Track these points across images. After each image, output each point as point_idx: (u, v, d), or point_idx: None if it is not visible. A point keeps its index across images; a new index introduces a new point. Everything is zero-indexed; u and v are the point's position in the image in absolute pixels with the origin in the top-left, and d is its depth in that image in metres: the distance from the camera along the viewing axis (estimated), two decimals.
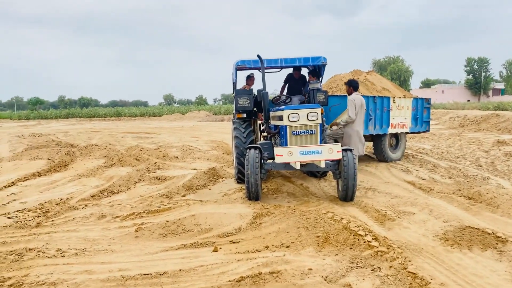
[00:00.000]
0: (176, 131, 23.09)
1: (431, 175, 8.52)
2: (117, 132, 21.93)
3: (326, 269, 3.65)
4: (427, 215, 5.50)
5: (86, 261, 4.22)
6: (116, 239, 4.86)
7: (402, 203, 6.10)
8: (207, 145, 14.74)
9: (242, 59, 7.66)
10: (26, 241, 4.78)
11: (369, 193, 6.94)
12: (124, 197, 6.98)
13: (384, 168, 9.33)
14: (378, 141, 10.19)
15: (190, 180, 7.88)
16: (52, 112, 55.83)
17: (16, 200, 6.90)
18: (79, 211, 6.09)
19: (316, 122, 6.05)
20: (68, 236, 4.96)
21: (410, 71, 79.01)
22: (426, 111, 11.10)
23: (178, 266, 3.99)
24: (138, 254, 4.39)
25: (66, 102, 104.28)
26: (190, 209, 5.84)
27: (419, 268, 3.72)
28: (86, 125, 32.31)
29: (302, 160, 5.86)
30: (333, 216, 5.18)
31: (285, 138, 6.16)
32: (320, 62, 7.60)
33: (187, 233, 5.00)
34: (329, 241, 4.40)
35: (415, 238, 4.57)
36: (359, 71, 11.00)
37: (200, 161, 10.88)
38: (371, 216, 5.43)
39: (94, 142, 15.52)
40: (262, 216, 5.44)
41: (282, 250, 4.31)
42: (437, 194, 6.73)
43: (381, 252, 4.04)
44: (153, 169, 9.44)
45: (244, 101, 7.69)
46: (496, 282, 3.47)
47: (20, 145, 14.98)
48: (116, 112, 53.07)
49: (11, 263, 4.17)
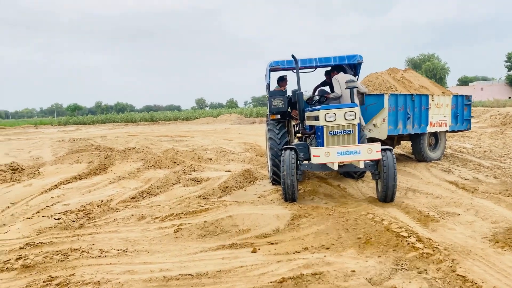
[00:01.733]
0: (209, 134, 23.32)
1: (474, 174, 8.18)
2: (153, 136, 22.38)
3: (369, 271, 3.55)
4: (473, 216, 5.27)
5: (128, 261, 4.30)
6: (156, 240, 4.93)
7: (445, 204, 5.88)
8: (240, 147, 14.79)
9: (276, 60, 7.62)
10: (70, 241, 4.93)
11: (409, 193, 6.73)
12: (162, 199, 7.08)
13: (424, 168, 9.04)
14: (416, 141, 9.90)
15: (226, 182, 7.91)
16: (90, 117, 57.69)
17: (60, 202, 7.13)
18: (119, 213, 6.23)
19: (354, 121, 5.93)
20: (110, 237, 5.07)
21: (446, 68, 76.58)
22: (466, 109, 10.69)
23: (218, 267, 3.99)
24: (178, 255, 4.43)
25: (103, 107, 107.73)
26: (227, 210, 5.86)
27: (469, 271, 3.55)
28: (123, 130, 33.18)
29: (340, 160, 5.74)
30: (374, 217, 5.05)
31: (321, 139, 6.07)
32: (356, 61, 7.46)
33: (225, 234, 5.01)
34: (371, 242, 4.29)
35: (462, 240, 4.38)
36: (395, 69, 10.73)
37: (234, 163, 10.92)
38: (413, 217, 5.26)
39: (131, 145, 15.91)
40: (299, 217, 5.38)
41: (322, 251, 4.23)
42: (482, 194, 6.45)
43: (426, 254, 3.89)
44: (189, 171, 9.55)
45: (278, 102, 7.66)
46: None
47: (61, 149, 15.57)
48: (151, 117, 54.27)
49: (57, 263, 4.30)
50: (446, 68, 76.73)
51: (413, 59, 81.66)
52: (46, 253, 4.55)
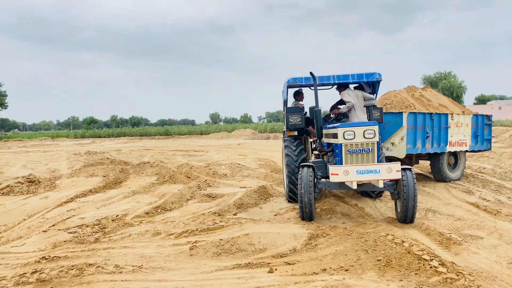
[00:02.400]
0: (223, 149, 23.35)
1: (496, 196, 7.96)
2: (167, 150, 22.49)
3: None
4: (497, 240, 5.09)
5: (143, 278, 4.24)
6: (171, 257, 4.87)
7: (467, 226, 5.70)
8: (254, 163, 14.74)
9: (294, 77, 7.61)
10: (86, 256, 4.90)
11: (429, 214, 6.57)
12: (177, 214, 7.04)
13: (443, 189, 8.84)
14: (435, 160, 9.72)
15: (241, 198, 7.84)
16: (106, 130, 58.46)
17: (75, 215, 7.15)
18: (134, 228, 6.21)
19: (373, 140, 5.83)
20: (125, 253, 5.04)
21: (463, 87, 75.76)
22: (487, 128, 10.49)
23: (234, 287, 3.91)
24: (194, 273, 4.35)
25: (118, 121, 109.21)
26: (243, 228, 5.78)
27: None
28: (138, 143, 33.47)
29: (359, 179, 5.64)
30: (394, 238, 4.91)
31: (340, 157, 5.98)
32: (375, 78, 7.39)
33: (241, 253, 4.93)
34: (392, 265, 4.16)
35: (487, 265, 4.22)
36: (414, 87, 10.62)
37: (249, 179, 10.86)
38: (435, 239, 5.10)
39: (146, 159, 16.01)
40: (317, 237, 5.27)
41: (341, 273, 4.12)
42: (505, 217, 6.25)
43: (450, 279, 3.74)
44: (204, 186, 9.52)
45: (296, 119, 7.61)
46: None
47: (77, 162, 15.74)
48: (165, 131, 54.72)
49: (72, 278, 4.27)
50: (463, 86, 75.92)
51: (429, 77, 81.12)
52: (62, 268, 4.53)
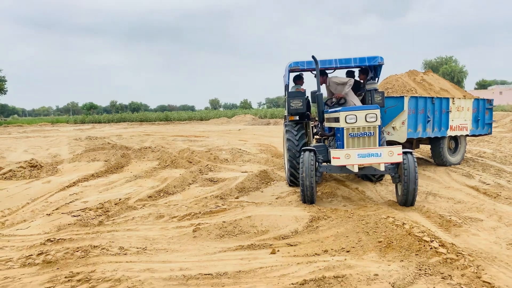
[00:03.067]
0: (224, 134, 23.37)
1: (495, 180, 8.01)
2: (168, 136, 22.52)
3: (392, 275, 3.49)
4: (496, 222, 5.16)
5: (148, 259, 4.31)
6: (175, 239, 4.94)
7: (467, 209, 5.77)
8: (255, 148, 14.77)
9: (296, 61, 7.58)
10: (90, 238, 4.96)
11: (429, 198, 6.63)
12: (180, 198, 7.10)
13: (443, 173, 8.90)
14: (436, 144, 9.75)
15: (242, 182, 7.90)
16: (105, 116, 58.36)
17: (78, 199, 7.20)
18: (137, 211, 6.27)
19: (375, 123, 5.85)
20: (129, 235, 5.10)
21: (464, 71, 75.43)
22: (488, 113, 10.49)
23: (237, 267, 3.97)
24: (197, 254, 4.42)
25: (117, 106, 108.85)
26: (245, 210, 5.84)
27: (494, 278, 3.47)
28: (138, 129, 33.47)
29: (361, 163, 5.68)
30: (394, 221, 4.97)
31: (341, 141, 6.01)
32: (377, 62, 7.37)
33: (243, 235, 4.99)
34: (392, 246, 4.22)
35: (486, 246, 4.29)
36: (415, 71, 10.58)
37: (250, 164, 10.91)
38: (435, 221, 5.17)
39: (147, 145, 16.04)
40: (318, 220, 5.33)
41: (343, 254, 4.18)
42: (505, 200, 6.31)
43: (450, 259, 3.81)
44: (205, 171, 9.57)
45: (297, 103, 7.61)
46: None
47: (78, 147, 15.78)
48: (165, 116, 54.63)
49: (78, 259, 4.33)
50: (464, 71, 75.59)
51: (431, 61, 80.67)
52: (67, 249, 4.59)
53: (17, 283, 3.83)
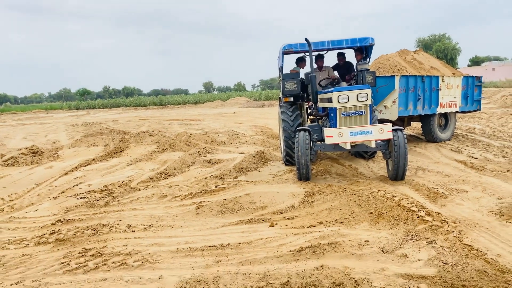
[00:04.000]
0: (219, 117, 23.57)
1: (483, 154, 8.35)
2: (164, 120, 22.69)
3: (382, 241, 3.82)
4: (480, 192, 5.49)
5: (155, 235, 4.61)
6: (179, 216, 5.24)
7: (454, 182, 6.10)
8: (251, 130, 15.03)
9: (289, 43, 7.77)
10: (98, 218, 5.25)
11: (419, 172, 6.96)
12: (180, 179, 7.38)
13: (434, 148, 9.22)
14: (426, 121, 10.05)
15: (240, 163, 8.18)
16: (100, 101, 58.10)
17: (82, 183, 7.47)
18: (141, 192, 6.55)
19: (366, 103, 6.12)
20: (135, 214, 5.39)
21: (458, 49, 75.36)
22: (477, 90, 10.78)
23: (239, 239, 4.28)
24: (201, 229, 4.72)
25: (110, 92, 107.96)
26: (244, 188, 6.14)
27: (475, 241, 3.80)
28: (133, 114, 33.54)
29: (353, 140, 5.97)
30: (385, 194, 5.30)
31: (334, 120, 6.28)
32: (368, 43, 7.58)
33: (243, 211, 5.30)
34: (383, 216, 4.54)
35: (469, 214, 4.63)
36: (406, 51, 10.81)
37: (246, 145, 11.18)
38: (423, 194, 5.50)
39: (144, 129, 16.25)
40: (314, 195, 5.64)
41: (337, 225, 4.50)
42: (490, 172, 6.65)
43: (435, 226, 4.14)
44: (204, 153, 9.83)
45: (291, 85, 7.84)
46: None
47: (76, 133, 15.96)
48: (159, 101, 54.51)
49: (89, 237, 4.62)
50: (458, 48, 75.49)
51: (424, 39, 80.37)
52: (77, 228, 4.88)
53: (34, 260, 4.12)
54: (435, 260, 3.40)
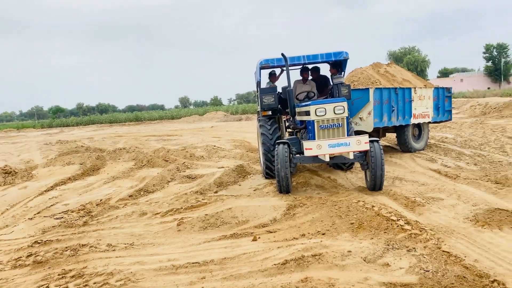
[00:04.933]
0: (197, 132, 23.49)
1: (456, 162, 8.62)
2: (140, 136, 22.44)
3: (364, 251, 3.88)
4: (455, 200, 5.66)
5: (136, 253, 4.55)
6: (160, 233, 5.18)
7: (430, 190, 6.27)
8: (229, 144, 15.04)
9: (266, 58, 7.89)
10: (77, 238, 5.14)
11: (396, 182, 7.12)
12: (160, 196, 7.31)
13: (409, 158, 9.46)
14: (401, 132, 10.31)
15: (220, 177, 8.17)
16: (74, 119, 57.09)
17: (58, 202, 7.30)
18: (120, 210, 6.45)
19: (343, 115, 6.26)
20: (115, 233, 5.31)
21: (427, 61, 77.94)
22: (447, 100, 11.15)
23: (222, 255, 4.27)
24: (183, 246, 4.69)
25: (84, 109, 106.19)
26: (225, 203, 6.13)
27: (453, 247, 3.91)
28: (108, 131, 33.03)
29: (331, 152, 6.08)
30: (364, 204, 5.39)
31: (312, 133, 6.39)
32: (342, 57, 7.78)
33: (226, 225, 5.29)
34: (363, 227, 4.62)
35: (446, 221, 4.76)
36: (379, 64, 11.12)
37: (225, 160, 11.18)
38: (401, 203, 5.63)
39: (120, 146, 16.01)
40: (295, 207, 5.69)
41: (319, 237, 4.55)
42: (463, 180, 6.86)
43: (414, 234, 4.24)
44: (183, 168, 9.77)
45: (269, 99, 7.93)
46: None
47: (51, 152, 15.57)
48: (135, 117, 53.97)
49: (68, 258, 4.52)
50: (427, 60, 78.10)
51: (395, 52, 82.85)
52: (56, 249, 4.77)
53: (11, 284, 4.00)
54: (416, 267, 3.48)
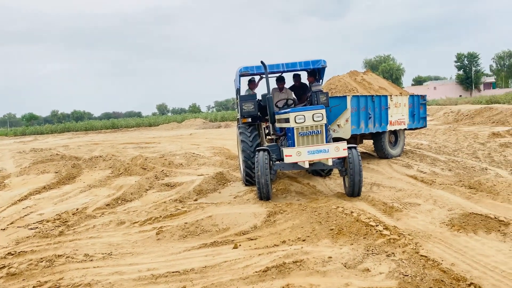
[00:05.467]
0: (175, 139, 23.30)
1: (431, 168, 8.83)
2: (117, 144, 22.10)
3: (344, 257, 3.92)
4: (431, 205, 5.79)
5: (115, 263, 4.46)
6: (139, 243, 5.10)
7: (407, 196, 6.39)
8: (209, 152, 14.98)
9: (246, 66, 7.93)
10: (53, 248, 5.00)
11: (374, 188, 7.23)
12: (138, 204, 7.20)
13: (386, 165, 9.63)
14: (378, 139, 10.50)
15: (200, 185, 8.12)
16: (48, 127, 55.78)
17: (33, 212, 7.10)
18: (97, 219, 6.32)
19: (322, 122, 6.33)
20: (93, 242, 5.19)
21: (402, 69, 79.94)
22: (422, 108, 11.45)
23: (203, 263, 4.23)
24: (163, 255, 4.63)
25: (59, 116, 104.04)
26: (206, 211, 6.09)
27: (430, 252, 4.00)
28: (84, 138, 32.41)
29: (311, 159, 6.13)
30: (344, 210, 5.46)
31: (292, 139, 6.43)
32: (320, 65, 7.89)
33: (206, 233, 5.25)
34: (343, 233, 4.67)
35: (423, 226, 4.86)
36: (356, 72, 11.32)
37: (205, 167, 11.12)
38: (379, 208, 5.72)
39: (96, 154, 15.72)
40: (275, 214, 5.70)
41: (299, 243, 4.56)
42: (439, 185, 7.03)
43: (393, 239, 4.31)
44: (161, 176, 9.67)
45: (249, 106, 7.96)
46: (502, 260, 3.76)
47: (24, 160, 15.15)
48: (112, 124, 53.10)
49: (43, 269, 4.39)
50: (402, 68, 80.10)
51: (370, 60, 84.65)
52: (30, 261, 4.62)
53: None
54: (396, 272, 3.54)
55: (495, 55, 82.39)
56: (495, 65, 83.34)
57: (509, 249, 3.99)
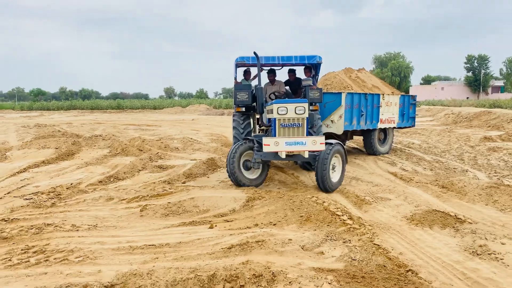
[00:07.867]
0: (177, 124, 23.69)
1: (414, 167, 9.14)
2: (119, 124, 22.54)
3: (304, 240, 4.29)
4: (402, 201, 6.13)
5: (98, 234, 4.85)
6: (124, 218, 5.50)
7: (381, 191, 6.73)
8: (206, 138, 15.34)
9: (242, 56, 8.21)
10: (44, 218, 5.41)
11: (353, 182, 7.57)
12: (129, 183, 7.60)
13: (372, 161, 9.95)
14: (367, 136, 10.80)
15: (190, 169, 8.49)
16: (55, 103, 56.37)
17: (29, 184, 7.51)
18: (88, 194, 6.72)
19: (303, 115, 6.61)
20: (81, 215, 5.59)
21: (411, 67, 79.47)
22: (412, 108, 11.72)
23: (178, 239, 4.62)
24: (143, 230, 5.02)
25: (67, 93, 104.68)
26: (190, 193, 6.47)
27: (384, 241, 4.35)
28: (89, 117, 32.91)
29: (288, 150, 6.44)
30: (317, 200, 5.81)
31: (274, 130, 6.75)
32: (315, 61, 8.14)
33: (186, 213, 5.64)
34: (310, 220, 5.04)
35: (386, 219, 5.22)
36: (350, 69, 11.58)
37: (199, 152, 11.50)
38: (351, 200, 6.07)
39: (98, 133, 16.16)
40: (254, 200, 6.07)
41: (270, 227, 4.94)
42: (415, 183, 7.35)
43: (353, 228, 4.67)
44: (155, 158, 10.05)
45: (243, 96, 8.27)
46: (446, 252, 4.11)
47: (27, 135, 15.63)
48: (117, 104, 53.63)
49: (32, 235, 4.80)
50: (411, 67, 79.63)
51: (380, 56, 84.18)
52: (21, 227, 5.03)
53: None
54: (346, 256, 3.90)
55: (506, 58, 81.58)
56: (505, 69, 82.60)
57: (456, 243, 4.34)
